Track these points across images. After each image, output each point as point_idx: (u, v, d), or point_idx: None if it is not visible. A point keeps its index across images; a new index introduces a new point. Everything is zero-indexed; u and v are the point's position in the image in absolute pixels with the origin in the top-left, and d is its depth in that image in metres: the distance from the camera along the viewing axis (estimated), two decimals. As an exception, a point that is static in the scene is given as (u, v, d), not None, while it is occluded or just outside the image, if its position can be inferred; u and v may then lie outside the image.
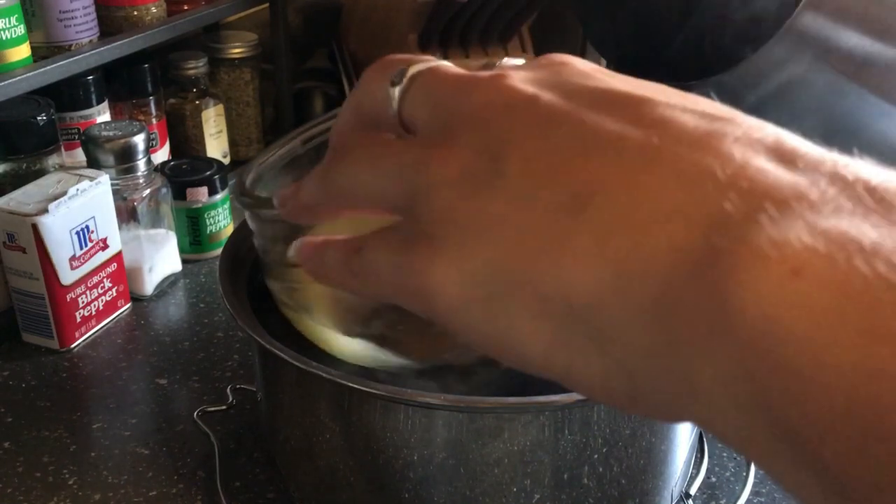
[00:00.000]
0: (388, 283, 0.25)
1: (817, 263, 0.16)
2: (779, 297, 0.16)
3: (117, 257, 0.64)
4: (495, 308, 0.22)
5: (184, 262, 0.71)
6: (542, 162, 0.21)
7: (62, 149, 0.65)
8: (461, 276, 0.22)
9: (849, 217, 0.17)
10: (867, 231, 0.17)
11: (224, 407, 0.52)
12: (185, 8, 0.78)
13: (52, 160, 0.64)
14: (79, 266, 0.60)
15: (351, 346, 0.35)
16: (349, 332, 0.35)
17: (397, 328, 0.35)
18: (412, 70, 0.25)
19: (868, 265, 0.16)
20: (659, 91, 0.22)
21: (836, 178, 0.18)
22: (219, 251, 0.66)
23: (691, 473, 0.47)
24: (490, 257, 0.21)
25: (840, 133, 0.53)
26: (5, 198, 0.58)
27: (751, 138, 0.19)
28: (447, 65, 0.26)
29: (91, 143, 0.64)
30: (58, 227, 0.58)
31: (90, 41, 0.68)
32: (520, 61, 0.25)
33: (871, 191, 0.17)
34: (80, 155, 0.67)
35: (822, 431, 0.16)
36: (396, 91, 0.25)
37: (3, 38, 0.60)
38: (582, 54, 0.93)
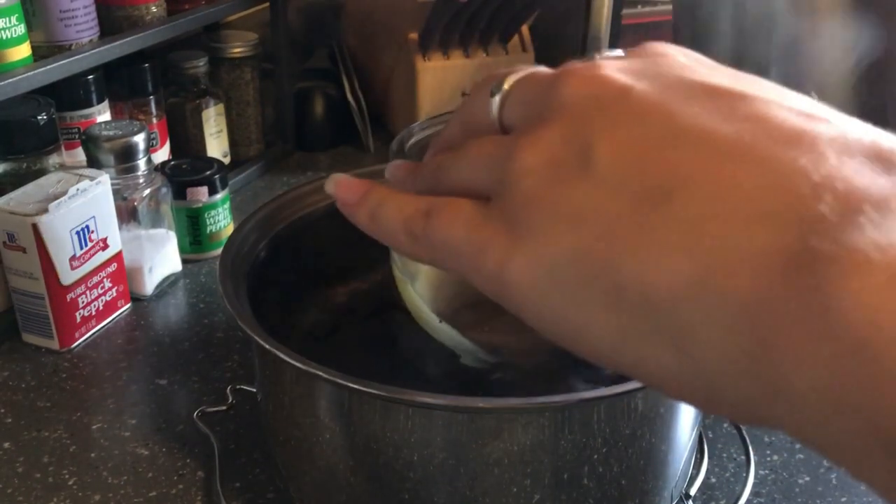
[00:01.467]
0: (456, 258, 0.25)
1: None
2: (885, 303, 0.16)
3: (117, 257, 0.64)
4: (570, 297, 0.22)
5: (184, 262, 0.71)
6: (631, 152, 0.21)
7: (62, 148, 0.65)
8: (540, 264, 0.22)
9: None
10: None
11: (224, 407, 0.52)
12: (186, 7, 0.78)
13: (53, 160, 0.64)
14: (79, 266, 0.60)
15: (436, 323, 0.38)
16: (439, 313, 0.38)
17: (482, 326, 0.38)
18: (510, 79, 0.26)
19: None
20: (756, 86, 0.22)
21: None
22: (219, 251, 0.66)
23: (691, 474, 0.47)
24: (571, 246, 0.21)
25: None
26: (5, 198, 0.58)
27: (847, 138, 0.19)
28: (544, 68, 0.26)
29: (91, 143, 0.64)
30: (58, 226, 0.57)
31: (90, 41, 0.68)
32: (619, 52, 0.26)
33: None
34: (80, 155, 0.67)
35: None
36: (496, 99, 0.26)
37: (4, 37, 0.60)
38: (582, 53, 0.93)
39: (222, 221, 0.73)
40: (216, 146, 0.85)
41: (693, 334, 0.19)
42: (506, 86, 0.26)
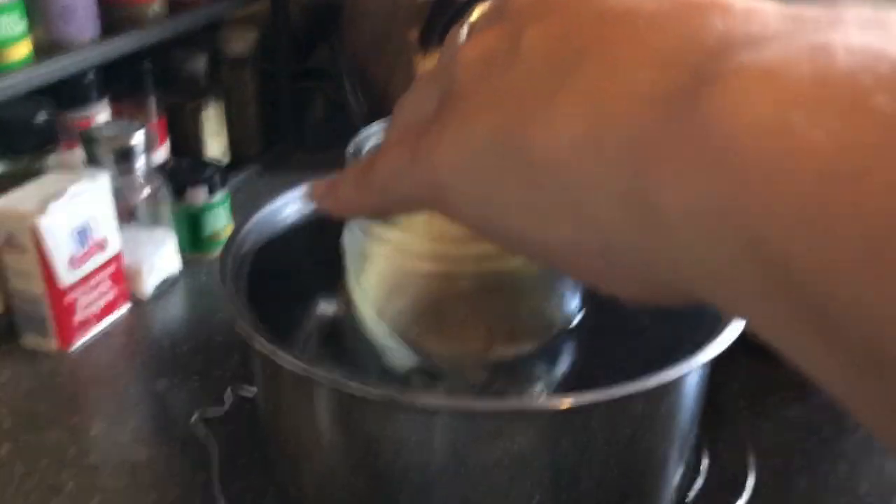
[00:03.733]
0: (399, 179, 0.26)
1: (794, 62, 0.16)
2: (751, 96, 0.16)
3: (116, 258, 0.63)
4: (492, 177, 0.22)
5: (184, 262, 0.71)
6: (555, 35, 0.21)
7: (62, 148, 0.65)
8: (465, 147, 0.23)
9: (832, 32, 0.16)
10: (853, 36, 0.16)
11: (224, 409, 0.52)
12: (186, 7, 0.77)
13: (52, 160, 0.64)
14: (78, 267, 0.60)
15: (374, 323, 0.39)
16: (378, 312, 0.38)
17: (413, 329, 0.38)
18: (480, 7, 0.27)
19: (850, 55, 0.15)
20: None
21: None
22: (219, 251, 0.66)
23: (691, 476, 0.47)
24: (490, 124, 0.22)
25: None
26: (5, 198, 0.58)
27: (755, 4, 0.19)
28: None
29: (90, 143, 0.64)
30: (57, 227, 0.57)
31: (91, 39, 0.68)
32: None
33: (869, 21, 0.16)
34: (79, 155, 0.67)
35: (790, 223, 0.15)
36: (465, 28, 0.27)
37: (4, 35, 0.60)
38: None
39: (222, 221, 0.73)
40: (215, 146, 0.85)
41: (586, 194, 0.19)
42: (474, 15, 0.27)
